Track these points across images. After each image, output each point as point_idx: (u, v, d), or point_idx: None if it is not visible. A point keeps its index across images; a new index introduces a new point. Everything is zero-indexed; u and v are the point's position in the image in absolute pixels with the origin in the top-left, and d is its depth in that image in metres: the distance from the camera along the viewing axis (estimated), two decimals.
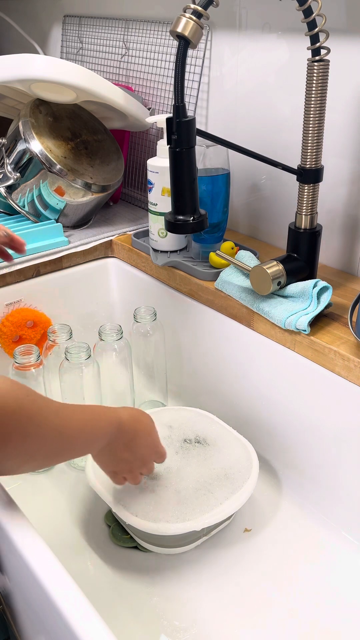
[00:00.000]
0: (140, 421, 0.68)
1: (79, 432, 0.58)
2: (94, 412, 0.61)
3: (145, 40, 1.08)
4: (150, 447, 0.69)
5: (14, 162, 0.99)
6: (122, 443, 0.65)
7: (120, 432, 0.64)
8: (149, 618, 0.66)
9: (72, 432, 0.57)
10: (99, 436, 0.61)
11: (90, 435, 0.60)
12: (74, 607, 0.46)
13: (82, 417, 0.59)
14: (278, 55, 0.86)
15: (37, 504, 0.80)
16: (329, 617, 0.66)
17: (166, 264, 0.93)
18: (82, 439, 0.59)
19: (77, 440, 0.58)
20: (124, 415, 0.65)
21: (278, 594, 0.69)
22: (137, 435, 0.66)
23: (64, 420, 0.56)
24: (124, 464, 0.67)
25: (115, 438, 0.63)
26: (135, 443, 0.66)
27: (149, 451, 0.69)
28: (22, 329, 0.94)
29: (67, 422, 0.56)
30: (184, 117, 0.64)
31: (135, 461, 0.67)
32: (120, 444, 0.64)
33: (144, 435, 0.67)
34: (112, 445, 0.64)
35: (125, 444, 0.65)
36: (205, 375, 0.94)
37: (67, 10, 1.28)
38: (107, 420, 0.62)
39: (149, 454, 0.69)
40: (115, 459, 0.66)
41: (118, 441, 0.64)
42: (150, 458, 0.70)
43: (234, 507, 0.70)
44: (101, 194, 1.02)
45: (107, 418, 0.62)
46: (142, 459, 0.68)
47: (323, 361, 0.72)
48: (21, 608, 0.64)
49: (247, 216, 1.01)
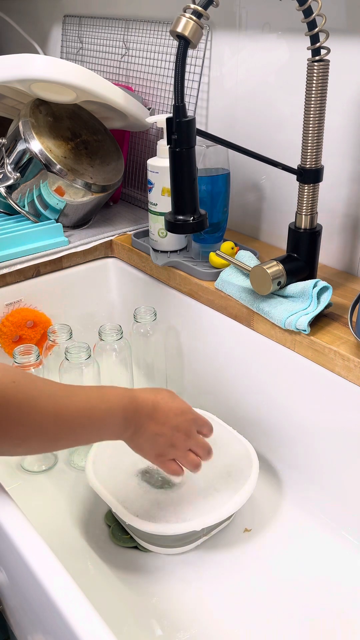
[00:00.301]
0: (158, 391, 0.64)
1: (79, 414, 0.55)
2: (99, 391, 0.58)
3: (145, 40, 1.08)
4: (184, 414, 0.65)
5: (14, 162, 0.99)
6: (145, 417, 0.61)
7: (137, 406, 0.60)
8: (149, 618, 0.66)
9: (69, 416, 0.54)
10: (108, 416, 0.57)
11: (95, 416, 0.57)
12: (74, 607, 0.46)
13: (82, 398, 0.56)
14: (278, 55, 0.86)
15: (37, 504, 0.80)
16: (329, 617, 0.66)
17: (166, 264, 0.93)
18: (83, 421, 0.56)
19: (77, 424, 0.55)
20: (135, 390, 0.62)
21: (278, 594, 0.69)
22: (159, 404, 0.62)
23: (59, 404, 0.53)
24: (162, 439, 0.63)
25: (133, 414, 0.59)
26: (161, 413, 0.62)
27: (184, 419, 0.65)
28: (22, 329, 0.94)
29: (63, 405, 0.53)
30: (184, 117, 0.64)
31: (175, 434, 0.63)
32: (143, 418, 0.60)
33: (167, 402, 0.63)
34: (136, 423, 0.60)
35: (150, 417, 0.61)
36: (205, 375, 0.94)
37: (67, 10, 1.28)
38: (115, 396, 0.59)
39: (186, 423, 0.65)
40: (149, 437, 0.62)
41: (140, 416, 0.60)
42: (191, 428, 0.66)
43: (234, 507, 0.70)
44: (101, 194, 1.02)
45: (114, 394, 0.59)
46: (181, 429, 0.64)
47: (323, 361, 0.72)
48: (21, 608, 0.64)
49: (247, 216, 1.01)
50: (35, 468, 0.86)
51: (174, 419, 0.64)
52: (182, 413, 0.65)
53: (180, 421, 0.65)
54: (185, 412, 0.66)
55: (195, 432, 0.68)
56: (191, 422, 0.67)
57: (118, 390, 0.61)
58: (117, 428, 0.60)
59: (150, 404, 0.62)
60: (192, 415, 0.67)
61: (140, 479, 0.74)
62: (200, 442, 0.68)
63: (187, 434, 0.66)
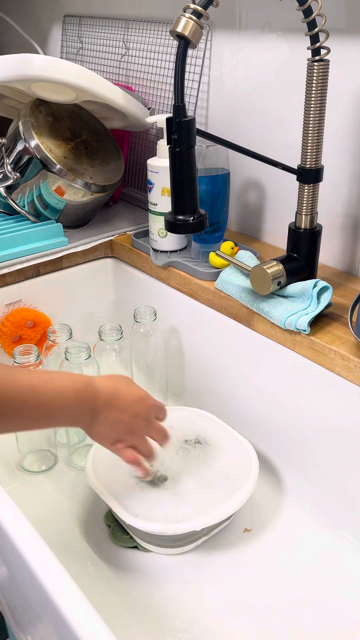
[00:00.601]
0: (115, 377, 0.64)
1: (22, 393, 0.55)
2: (49, 374, 0.58)
3: (145, 40, 1.08)
4: (143, 401, 0.65)
5: (14, 162, 0.99)
6: (104, 403, 0.61)
7: (94, 391, 0.60)
8: (149, 618, 0.66)
9: (11, 394, 0.54)
10: (57, 398, 0.58)
11: (41, 397, 0.57)
12: (74, 607, 0.46)
13: (26, 377, 0.56)
14: (278, 55, 0.86)
15: (37, 504, 0.80)
16: (329, 617, 0.66)
17: (166, 264, 0.93)
18: (28, 400, 0.56)
19: (20, 403, 0.55)
20: (91, 376, 0.62)
21: (278, 594, 0.69)
22: (118, 390, 0.63)
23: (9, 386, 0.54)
24: (121, 426, 0.63)
25: (89, 399, 0.60)
26: (120, 400, 0.62)
27: (143, 405, 0.65)
28: (22, 329, 0.94)
29: (4, 382, 0.54)
30: (184, 117, 0.64)
31: (134, 420, 0.64)
32: (102, 405, 0.61)
33: (126, 388, 0.64)
34: (94, 409, 0.60)
35: (108, 403, 0.61)
36: (205, 375, 0.94)
37: (67, 10, 1.28)
38: (67, 379, 0.59)
39: (145, 410, 0.65)
40: (108, 424, 0.62)
41: (98, 403, 0.61)
42: (150, 414, 0.66)
43: (234, 507, 0.70)
44: (101, 194, 1.02)
45: (66, 377, 0.60)
46: (140, 415, 0.64)
47: (323, 361, 0.72)
48: (21, 608, 0.64)
49: (247, 216, 1.01)
50: (35, 468, 0.86)
51: (133, 406, 0.64)
52: (140, 399, 0.66)
53: (139, 408, 0.65)
54: (143, 398, 0.66)
55: (153, 418, 0.68)
56: (150, 409, 0.67)
57: (71, 374, 0.61)
58: (70, 412, 0.60)
59: (108, 391, 0.62)
60: (151, 401, 0.67)
61: (140, 478, 0.74)
62: (159, 428, 0.68)
63: (146, 420, 0.66)
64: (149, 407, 0.67)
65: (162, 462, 0.76)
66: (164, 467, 0.75)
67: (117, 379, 0.65)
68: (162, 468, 0.75)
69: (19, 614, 0.66)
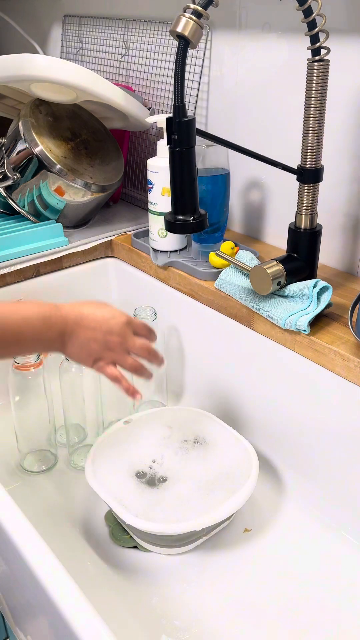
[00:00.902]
0: (85, 302, 0.65)
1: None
2: (14, 304, 0.61)
3: (145, 40, 1.08)
4: (115, 318, 0.65)
5: (14, 162, 0.99)
6: (73, 324, 0.62)
7: (61, 315, 0.62)
8: (149, 618, 0.66)
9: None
10: (24, 325, 0.60)
11: (8, 325, 0.59)
12: (74, 607, 0.46)
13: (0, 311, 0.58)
14: (278, 55, 0.86)
15: (37, 504, 0.80)
16: (329, 617, 0.66)
17: (166, 264, 0.93)
18: (8, 331, 0.58)
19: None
20: (59, 303, 0.64)
21: (278, 594, 0.69)
22: (87, 311, 0.64)
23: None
24: (95, 344, 0.64)
25: (57, 323, 0.61)
26: (90, 319, 0.63)
27: (116, 322, 0.65)
28: None
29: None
30: (184, 117, 0.64)
31: (108, 337, 0.64)
32: (72, 326, 0.62)
33: (96, 308, 0.64)
34: (64, 331, 0.62)
35: (78, 324, 0.63)
36: (205, 375, 0.94)
37: (67, 10, 1.28)
38: (32, 307, 0.61)
39: (118, 326, 0.65)
40: (82, 344, 0.63)
41: (67, 325, 0.62)
42: (125, 330, 0.66)
43: (234, 507, 0.70)
44: (101, 194, 1.02)
45: (31, 305, 0.62)
46: (113, 332, 0.65)
47: (323, 361, 0.72)
48: (21, 607, 0.64)
49: (247, 216, 1.01)
50: (35, 468, 0.86)
51: (104, 323, 0.64)
52: (112, 317, 0.66)
53: (112, 324, 0.65)
54: (115, 316, 0.66)
55: (130, 334, 0.67)
56: (123, 325, 0.67)
57: (38, 302, 0.63)
58: (39, 337, 0.61)
59: (76, 312, 0.63)
60: (125, 317, 0.67)
61: (140, 479, 0.74)
62: (138, 344, 0.68)
63: (122, 336, 0.66)
64: (122, 323, 0.66)
65: (162, 462, 0.76)
66: (164, 467, 0.75)
67: (86, 302, 0.66)
68: (162, 468, 0.75)
69: (19, 614, 0.66)
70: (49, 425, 0.84)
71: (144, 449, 0.78)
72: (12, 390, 0.81)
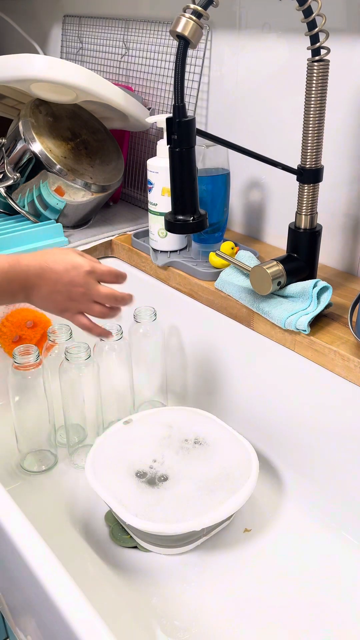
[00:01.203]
0: (46, 251, 0.65)
1: None
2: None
3: (145, 40, 1.08)
4: (77, 269, 0.65)
5: (14, 162, 0.99)
6: (34, 277, 0.63)
7: (21, 269, 0.62)
8: (149, 618, 0.66)
9: None
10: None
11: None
12: (74, 607, 0.46)
13: None
14: (278, 55, 0.86)
15: (37, 504, 0.80)
16: (329, 617, 0.66)
17: (166, 264, 0.93)
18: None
19: None
20: (19, 255, 0.64)
21: (278, 594, 0.69)
22: (47, 264, 0.63)
23: None
24: (58, 296, 0.64)
25: (17, 277, 0.62)
26: (50, 272, 0.63)
27: (77, 273, 0.65)
28: (22, 329, 0.94)
29: None
30: (184, 117, 0.64)
31: (70, 289, 0.64)
32: (32, 279, 0.62)
33: (57, 259, 0.64)
34: (25, 285, 0.62)
35: (39, 277, 0.63)
36: (205, 375, 0.94)
37: (67, 10, 1.28)
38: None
39: (80, 277, 0.65)
40: (45, 297, 0.64)
41: (27, 279, 0.62)
42: (87, 280, 0.66)
43: (234, 507, 0.70)
44: (101, 194, 1.02)
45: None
46: (76, 283, 0.64)
47: (323, 361, 0.72)
48: (21, 608, 0.64)
49: (247, 216, 1.01)
50: (35, 468, 0.86)
51: (65, 275, 0.64)
52: (74, 267, 0.65)
53: (73, 275, 0.65)
54: (77, 266, 0.66)
55: (94, 284, 0.67)
56: (85, 275, 0.66)
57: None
58: (2, 290, 0.62)
59: (36, 266, 0.63)
60: (87, 267, 0.66)
61: (139, 479, 0.74)
62: (103, 293, 0.68)
63: (85, 286, 0.66)
64: (84, 273, 0.66)
65: (162, 462, 0.76)
66: (164, 467, 0.75)
67: (48, 251, 0.66)
68: (162, 468, 0.75)
69: (19, 614, 0.66)
70: (49, 425, 0.84)
71: (144, 448, 0.78)
72: (12, 390, 0.81)
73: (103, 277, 0.70)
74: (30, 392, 0.80)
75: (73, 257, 0.67)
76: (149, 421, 0.83)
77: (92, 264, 0.68)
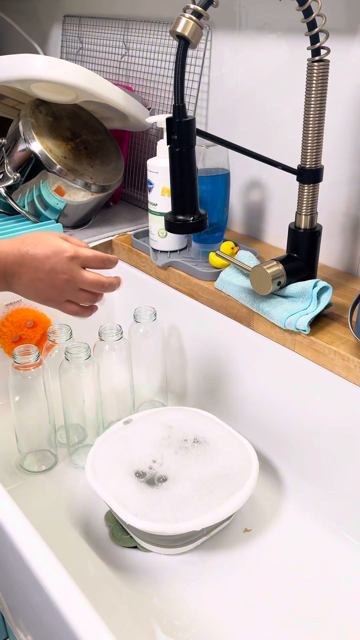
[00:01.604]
0: (25, 237, 0.62)
1: None
2: None
3: (145, 40, 1.08)
4: (58, 255, 0.62)
5: (14, 163, 0.99)
6: (14, 265, 0.60)
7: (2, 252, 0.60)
8: (149, 618, 0.66)
9: None
10: None
11: None
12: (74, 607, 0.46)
13: None
14: (278, 55, 0.86)
15: (37, 504, 0.80)
16: (329, 617, 0.66)
17: (166, 264, 0.93)
18: None
19: None
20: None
21: (278, 594, 0.69)
22: (26, 251, 0.61)
23: None
24: (41, 284, 0.61)
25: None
26: (31, 259, 0.60)
27: (58, 259, 0.62)
28: (22, 329, 0.94)
29: None
30: (184, 117, 0.64)
31: (53, 276, 0.61)
32: (12, 267, 0.60)
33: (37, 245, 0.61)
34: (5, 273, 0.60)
35: (19, 264, 0.60)
36: (205, 375, 0.94)
37: (67, 10, 1.28)
38: None
39: (61, 263, 0.62)
40: (28, 285, 0.61)
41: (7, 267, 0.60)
42: (70, 266, 0.63)
43: (234, 507, 0.70)
44: (101, 194, 1.02)
45: None
46: (58, 270, 0.61)
47: (323, 361, 0.72)
48: (21, 608, 0.64)
49: (247, 216, 1.01)
50: (35, 468, 0.86)
51: (46, 262, 0.61)
52: (55, 254, 0.62)
53: (54, 262, 0.62)
54: (58, 251, 0.62)
55: (77, 270, 0.64)
56: (67, 261, 0.63)
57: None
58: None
59: (16, 253, 0.60)
60: (70, 252, 0.63)
61: (139, 479, 0.74)
62: (88, 280, 0.64)
63: (68, 273, 0.63)
64: (65, 260, 0.62)
65: (162, 462, 0.76)
66: (164, 467, 0.75)
67: (29, 236, 0.62)
68: (162, 468, 0.75)
69: (19, 614, 0.66)
70: (49, 425, 0.84)
71: (144, 448, 0.78)
72: (12, 390, 0.81)
73: (88, 262, 0.66)
74: (30, 392, 0.81)
75: (55, 241, 0.63)
76: (149, 421, 0.83)
77: (75, 248, 0.64)
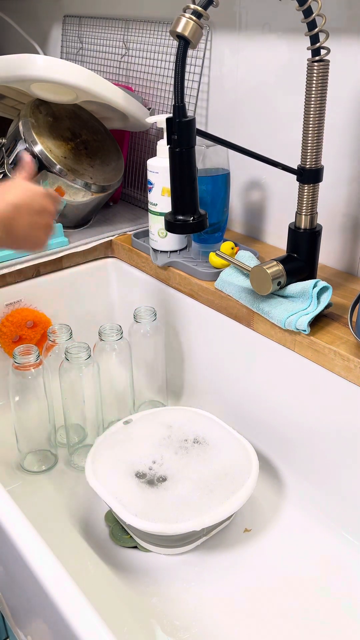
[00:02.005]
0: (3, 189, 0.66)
1: None
2: None
3: (145, 40, 1.08)
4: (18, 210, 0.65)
5: (14, 162, 0.99)
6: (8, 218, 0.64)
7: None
8: (149, 618, 0.66)
9: None
10: None
11: None
12: (74, 607, 0.46)
13: None
14: (278, 55, 0.86)
15: (37, 504, 0.80)
16: (329, 617, 0.66)
17: (166, 264, 0.93)
18: None
19: None
20: None
21: (278, 594, 0.69)
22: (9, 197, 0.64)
23: None
24: (7, 220, 0.65)
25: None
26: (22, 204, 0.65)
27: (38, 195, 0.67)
28: (22, 329, 0.94)
29: None
30: (184, 117, 0.64)
31: (14, 207, 0.65)
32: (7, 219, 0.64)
33: (17, 192, 0.65)
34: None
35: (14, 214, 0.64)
36: (205, 375, 0.94)
37: (67, 10, 1.28)
38: None
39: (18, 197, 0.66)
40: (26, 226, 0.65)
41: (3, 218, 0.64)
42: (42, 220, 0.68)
43: (234, 507, 0.70)
44: (101, 194, 1.02)
45: None
46: (20, 205, 0.65)
47: (323, 361, 0.72)
48: (21, 607, 0.64)
49: (247, 216, 1.01)
50: (35, 468, 0.86)
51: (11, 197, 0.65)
52: (16, 209, 0.65)
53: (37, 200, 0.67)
54: (19, 206, 0.66)
55: (47, 215, 0.69)
56: (42, 197, 0.68)
57: None
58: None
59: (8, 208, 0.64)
60: (28, 191, 0.67)
61: (140, 479, 0.74)
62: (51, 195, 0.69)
63: (35, 209, 0.67)
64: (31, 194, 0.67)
65: (162, 462, 0.76)
66: (164, 467, 0.75)
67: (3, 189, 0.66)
68: (162, 468, 0.75)
69: (19, 614, 0.66)
70: (49, 425, 0.84)
71: (144, 449, 0.78)
72: (12, 390, 0.81)
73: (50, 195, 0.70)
74: (30, 392, 0.81)
75: (25, 184, 0.68)
76: (149, 421, 0.83)
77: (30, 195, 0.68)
